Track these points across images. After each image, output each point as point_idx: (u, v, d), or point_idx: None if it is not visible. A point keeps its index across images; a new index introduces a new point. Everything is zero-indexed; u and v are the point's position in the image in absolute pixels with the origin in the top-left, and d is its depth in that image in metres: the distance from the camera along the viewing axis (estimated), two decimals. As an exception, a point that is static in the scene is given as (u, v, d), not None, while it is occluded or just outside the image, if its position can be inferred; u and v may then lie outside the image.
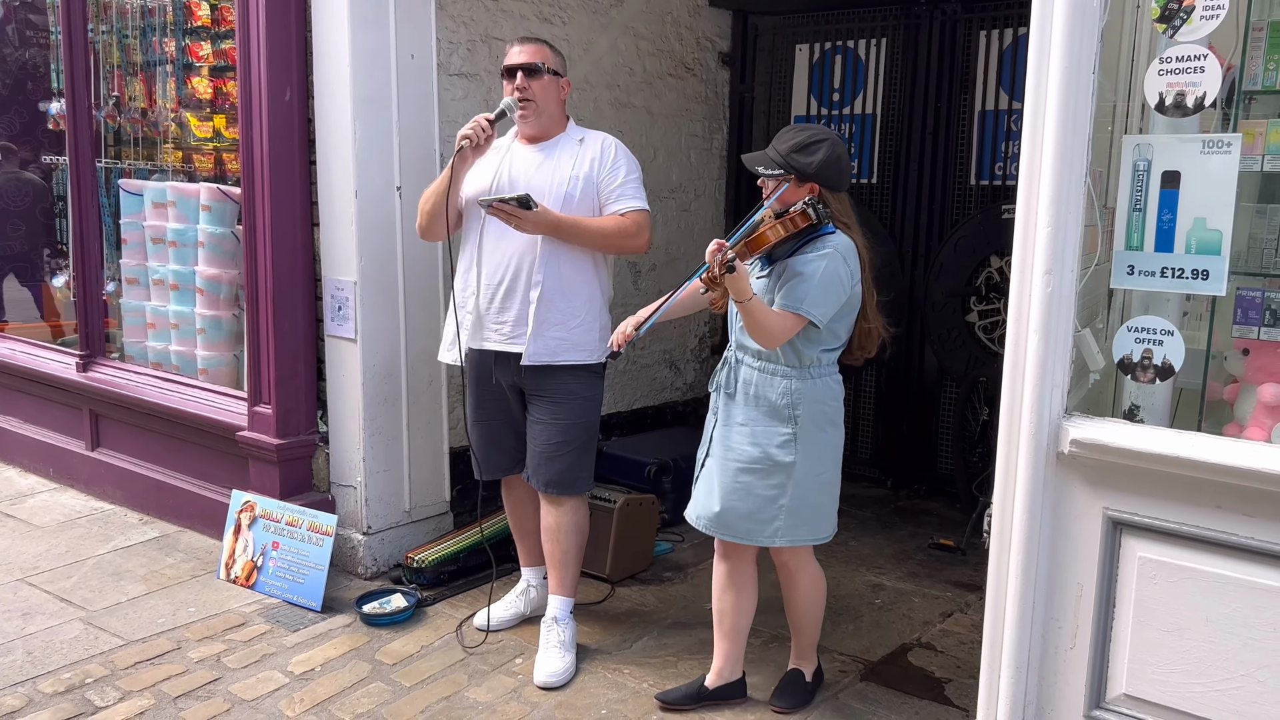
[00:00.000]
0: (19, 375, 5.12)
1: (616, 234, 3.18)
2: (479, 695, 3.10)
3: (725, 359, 2.92)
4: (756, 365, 2.81)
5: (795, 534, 2.83)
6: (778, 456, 2.78)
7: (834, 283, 2.69)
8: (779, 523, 2.81)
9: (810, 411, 2.78)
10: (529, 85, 3.15)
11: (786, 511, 2.80)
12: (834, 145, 2.73)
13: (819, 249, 2.71)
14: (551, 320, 3.16)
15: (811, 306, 2.67)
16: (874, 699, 3.12)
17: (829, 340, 2.78)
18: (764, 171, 2.76)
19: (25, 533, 4.33)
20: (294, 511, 3.78)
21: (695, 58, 5.34)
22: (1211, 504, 2.19)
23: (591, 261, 3.23)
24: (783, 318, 2.68)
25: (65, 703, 3.02)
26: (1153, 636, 2.29)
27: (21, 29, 5.44)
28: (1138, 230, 2.31)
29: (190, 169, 4.52)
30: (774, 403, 2.78)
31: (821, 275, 2.68)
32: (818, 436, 2.81)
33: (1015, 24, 4.66)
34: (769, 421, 2.79)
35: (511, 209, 3.01)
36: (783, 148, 2.75)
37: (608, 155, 3.22)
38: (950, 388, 5.00)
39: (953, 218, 4.94)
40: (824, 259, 2.69)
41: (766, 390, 2.79)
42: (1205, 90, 2.18)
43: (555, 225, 3.09)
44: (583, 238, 3.15)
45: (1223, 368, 2.48)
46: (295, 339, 3.92)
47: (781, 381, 2.78)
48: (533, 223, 3.04)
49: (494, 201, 3.02)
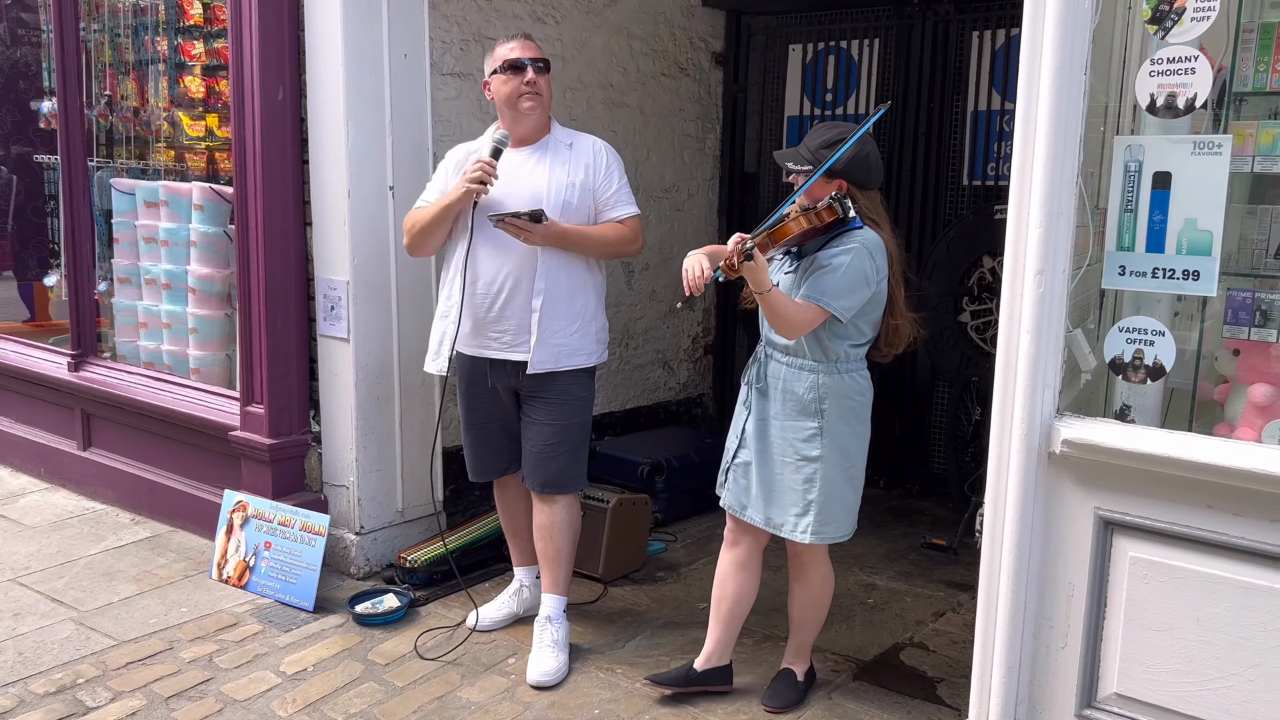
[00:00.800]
0: (10, 375, 5.11)
1: (617, 242, 3.22)
2: (472, 695, 3.10)
3: (756, 354, 2.95)
4: (785, 360, 2.83)
5: (823, 531, 2.85)
6: (806, 451, 2.80)
7: (858, 277, 2.70)
8: (809, 518, 2.82)
9: (837, 406, 2.80)
10: (538, 80, 3.15)
11: (817, 506, 2.82)
12: (864, 143, 2.74)
13: (845, 244, 2.72)
14: (555, 327, 3.17)
15: (833, 299, 2.68)
16: (866, 698, 3.13)
17: (855, 335, 2.80)
18: (793, 167, 2.78)
19: (16, 533, 4.31)
20: (286, 511, 3.78)
21: (688, 58, 5.34)
22: (1202, 504, 2.20)
23: (587, 266, 3.24)
24: (804, 309, 2.69)
25: (57, 703, 3.01)
26: (1144, 636, 2.30)
27: (13, 27, 5.42)
28: (1129, 231, 2.31)
29: (182, 168, 4.51)
30: (801, 397, 2.80)
31: (845, 269, 2.69)
32: (844, 432, 2.83)
33: (1008, 25, 4.67)
34: (797, 416, 2.81)
35: (523, 224, 3.01)
36: (813, 144, 2.77)
37: (600, 161, 3.23)
38: (943, 387, 5.01)
39: (945, 218, 4.95)
40: (849, 253, 2.70)
41: (794, 385, 2.81)
42: (1196, 91, 2.19)
43: (562, 236, 3.10)
44: (585, 247, 3.17)
45: (1213, 368, 2.49)
46: (288, 339, 3.91)
47: (809, 376, 2.79)
48: (541, 236, 3.05)
49: (506, 217, 3.02)
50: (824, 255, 2.73)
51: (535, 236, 3.04)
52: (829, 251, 2.73)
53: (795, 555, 3.00)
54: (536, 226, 3.02)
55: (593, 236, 3.17)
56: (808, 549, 2.93)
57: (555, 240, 3.09)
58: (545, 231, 3.04)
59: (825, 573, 3.03)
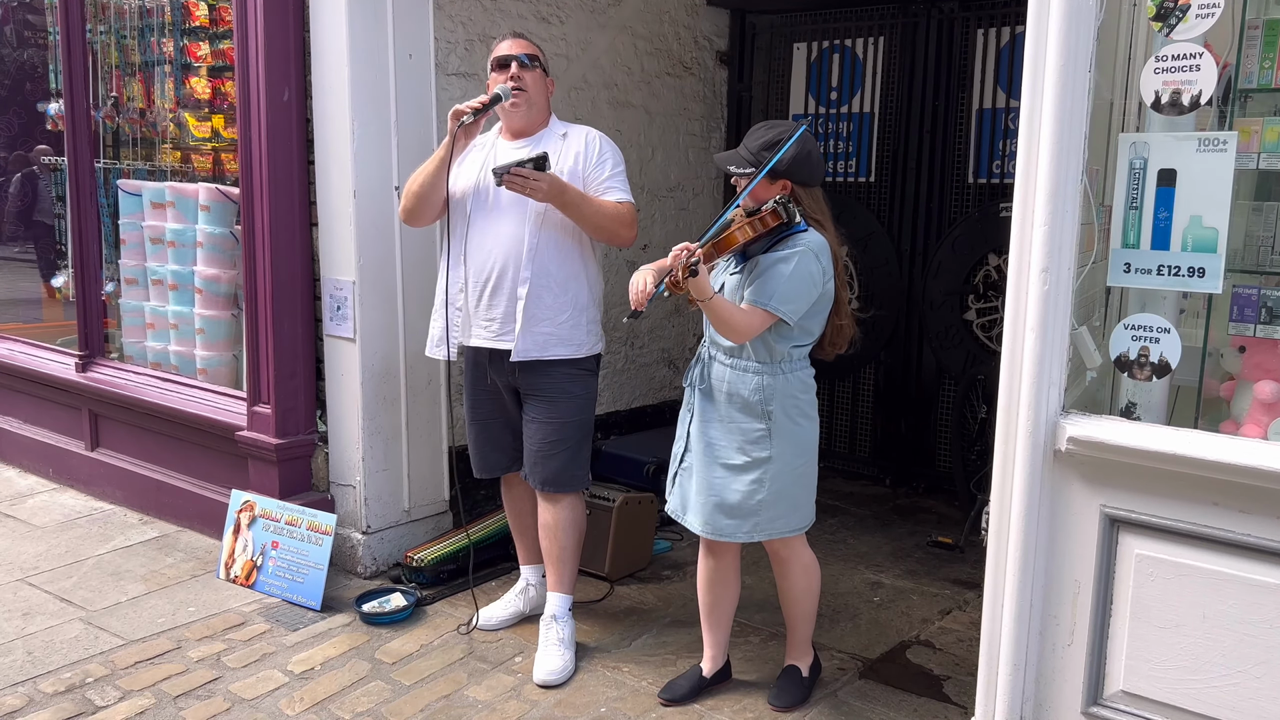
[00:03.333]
0: (18, 375, 5.13)
1: (614, 218, 3.16)
2: (478, 693, 3.11)
3: (699, 355, 2.94)
4: (729, 362, 2.82)
5: (773, 528, 2.85)
6: (753, 452, 2.80)
7: (804, 280, 2.70)
8: (757, 518, 2.83)
9: (783, 406, 2.79)
10: (523, 75, 3.15)
11: (765, 505, 2.81)
12: (804, 141, 2.73)
13: (791, 246, 2.71)
14: (540, 316, 3.15)
15: (780, 303, 2.68)
16: (873, 696, 3.13)
17: (801, 337, 2.79)
18: (735, 170, 2.77)
19: (25, 533, 4.33)
20: (293, 511, 3.79)
21: (693, 57, 5.34)
22: (1208, 501, 2.20)
23: (580, 256, 3.22)
24: (750, 314, 2.69)
25: (65, 702, 3.02)
26: (1150, 633, 2.30)
27: (20, 29, 5.44)
28: (1134, 228, 2.31)
29: (189, 169, 4.52)
30: (747, 399, 2.79)
31: (791, 272, 2.68)
32: (792, 430, 2.82)
33: (1013, 22, 4.66)
34: (743, 418, 2.80)
35: (528, 172, 2.95)
36: (753, 145, 2.75)
37: (592, 148, 3.21)
38: (948, 385, 5.00)
39: (950, 216, 4.94)
40: (795, 256, 2.69)
41: (739, 386, 2.80)
42: (1201, 88, 2.19)
43: (563, 191, 3.04)
44: (584, 211, 3.10)
45: (1219, 365, 2.49)
46: (294, 339, 3.92)
47: (753, 378, 2.79)
48: (548, 186, 2.99)
49: (511, 167, 2.95)
50: (769, 258, 2.72)
51: (541, 188, 2.98)
52: (774, 255, 2.72)
53: (773, 552, 2.99)
54: (543, 176, 2.97)
55: (592, 202, 3.12)
56: (782, 543, 2.93)
57: (558, 195, 3.03)
58: (551, 183, 2.99)
59: (807, 562, 3.01)
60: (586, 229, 3.17)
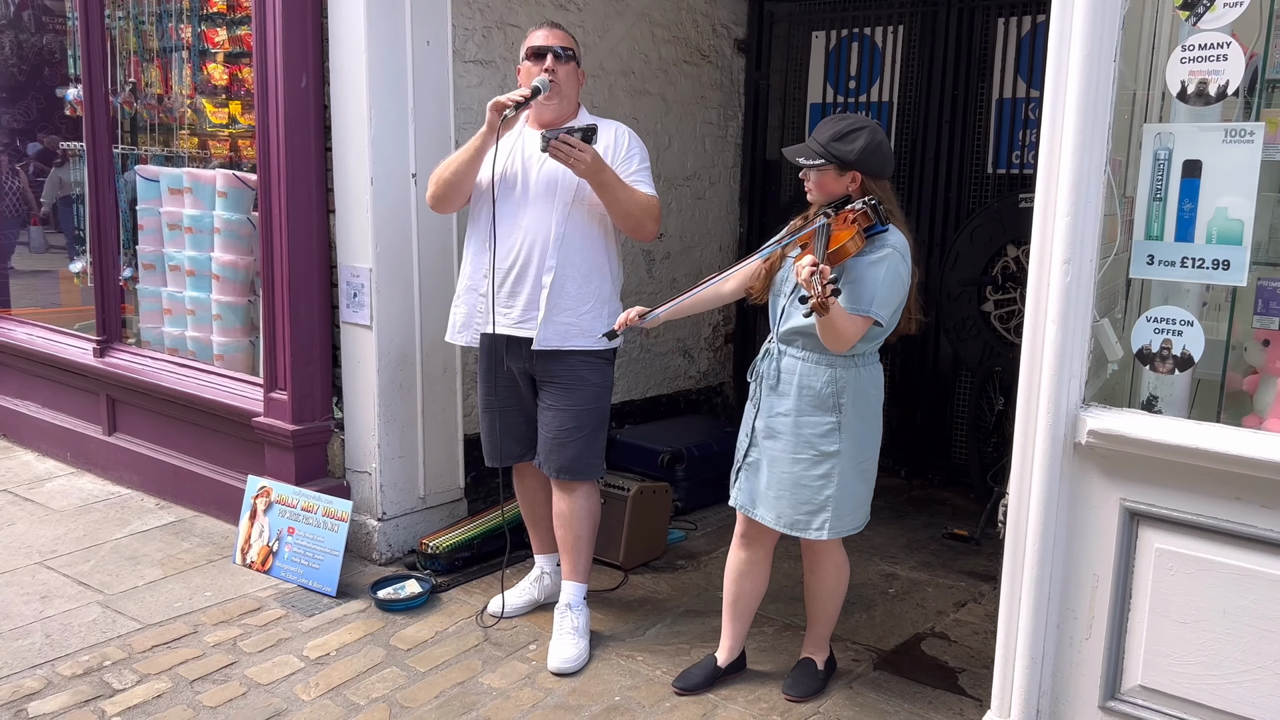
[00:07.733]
0: (37, 360, 5.16)
1: (644, 208, 3.15)
2: (493, 681, 3.11)
3: (766, 350, 2.90)
4: (801, 355, 2.79)
5: (840, 525, 2.83)
6: (823, 446, 2.78)
7: (897, 283, 2.68)
8: (826, 514, 2.80)
9: (855, 400, 2.78)
10: (557, 69, 3.14)
11: (833, 502, 2.80)
12: (874, 132, 2.71)
13: (879, 248, 2.68)
14: (563, 305, 3.16)
15: (880, 308, 2.66)
16: (887, 688, 3.12)
17: (879, 332, 2.77)
18: (805, 162, 2.75)
19: (43, 516, 4.36)
20: (309, 497, 3.80)
21: (711, 45, 5.32)
22: (1230, 495, 2.18)
23: (605, 248, 3.23)
24: (852, 321, 2.64)
25: (83, 685, 3.05)
26: (1169, 628, 2.29)
27: (38, 15, 5.45)
28: (1158, 220, 2.29)
29: (206, 155, 4.53)
30: (819, 391, 2.77)
31: (884, 277, 2.66)
32: (860, 425, 2.81)
33: (1034, 11, 4.63)
34: (814, 411, 2.78)
35: (576, 141, 2.94)
36: (822, 137, 2.73)
37: (621, 142, 3.22)
38: (965, 377, 4.98)
39: (969, 206, 4.92)
40: (886, 260, 2.66)
41: (811, 379, 2.78)
42: (1228, 79, 2.16)
43: (601, 170, 3.03)
44: (618, 195, 3.09)
45: (1242, 358, 2.47)
46: (310, 325, 3.93)
47: (827, 370, 2.76)
48: (590, 159, 2.98)
49: (560, 133, 2.94)
50: (859, 262, 2.68)
51: (585, 159, 2.97)
52: (865, 258, 2.68)
53: (808, 547, 2.99)
54: (588, 148, 2.96)
55: (626, 188, 3.12)
56: (822, 540, 2.93)
57: (597, 172, 3.02)
58: (595, 157, 2.99)
59: (839, 561, 3.02)
60: (615, 215, 3.16)
